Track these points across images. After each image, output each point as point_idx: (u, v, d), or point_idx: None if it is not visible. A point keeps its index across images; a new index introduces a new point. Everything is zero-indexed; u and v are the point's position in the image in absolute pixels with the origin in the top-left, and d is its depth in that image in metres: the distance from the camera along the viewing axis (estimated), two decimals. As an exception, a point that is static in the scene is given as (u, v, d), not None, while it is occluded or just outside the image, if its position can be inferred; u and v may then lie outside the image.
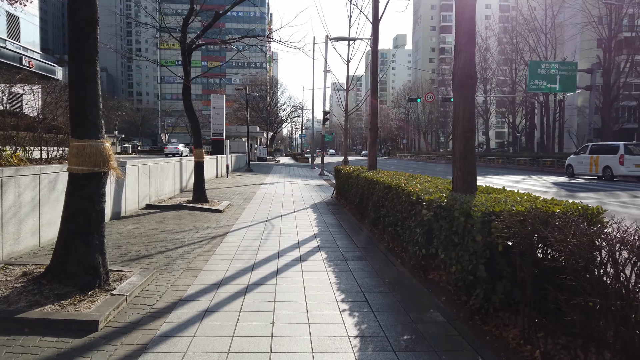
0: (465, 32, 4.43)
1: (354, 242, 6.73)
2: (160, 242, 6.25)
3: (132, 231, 6.92)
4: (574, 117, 51.72)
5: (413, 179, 6.43)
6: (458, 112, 4.47)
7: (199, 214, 8.91)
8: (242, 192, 13.89)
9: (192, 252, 5.83)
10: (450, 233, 3.75)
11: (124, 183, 8.21)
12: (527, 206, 3.36)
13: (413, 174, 7.86)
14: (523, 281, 3.12)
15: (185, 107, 9.78)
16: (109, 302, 3.60)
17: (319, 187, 17.28)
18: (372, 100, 9.22)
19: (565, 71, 30.46)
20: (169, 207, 9.31)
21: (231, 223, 8.18)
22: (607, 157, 21.16)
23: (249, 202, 11.40)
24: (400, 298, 4.17)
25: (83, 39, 3.78)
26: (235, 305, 3.87)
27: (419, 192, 4.64)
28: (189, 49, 9.50)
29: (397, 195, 5.72)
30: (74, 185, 3.84)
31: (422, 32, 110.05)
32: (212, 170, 18.31)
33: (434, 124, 79.94)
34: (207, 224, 7.91)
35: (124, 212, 8.28)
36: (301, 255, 5.82)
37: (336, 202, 12.00)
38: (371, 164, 9.56)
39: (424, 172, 24.02)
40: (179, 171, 12.39)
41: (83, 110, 3.82)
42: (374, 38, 9.52)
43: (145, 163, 9.56)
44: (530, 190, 8.14)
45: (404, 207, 5.27)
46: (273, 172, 26.53)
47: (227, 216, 8.98)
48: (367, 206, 7.83)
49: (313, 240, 6.87)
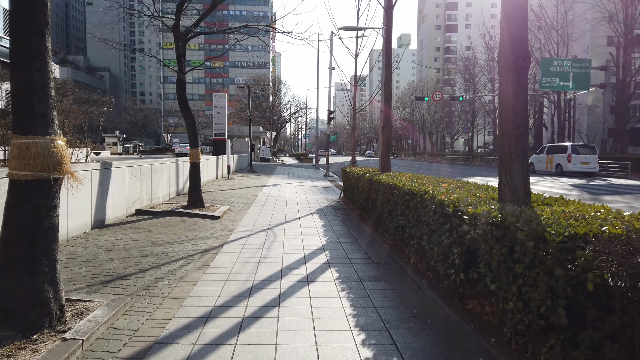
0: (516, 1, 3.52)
1: (368, 257, 5.83)
2: (143, 258, 5.37)
3: (114, 243, 6.05)
4: (584, 117, 50.54)
5: (439, 184, 5.52)
6: (506, 103, 3.57)
7: (193, 221, 8.03)
8: (243, 195, 13.01)
9: (179, 270, 4.95)
10: (508, 260, 2.84)
11: (109, 187, 7.34)
12: (618, 225, 2.46)
13: (434, 176, 6.95)
14: (623, 331, 2.22)
15: (179, 103, 8.91)
16: (57, 351, 2.72)
17: (324, 189, 16.39)
18: (386, 91, 8.31)
19: (579, 69, 29.40)
20: (161, 214, 8.44)
21: (228, 232, 7.30)
22: (559, 156, 25.04)
23: (250, 207, 10.52)
24: (437, 339, 3.26)
25: (27, 4, 2.90)
26: (224, 352, 2.97)
27: (456, 203, 3.73)
28: (184, 38, 8.63)
29: (422, 204, 4.81)
30: (15, 196, 2.95)
31: (427, 31, 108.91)
32: (212, 171, 17.45)
33: (439, 124, 78.84)
34: (202, 233, 7.03)
35: (110, 220, 7.42)
36: (308, 274, 4.92)
37: (344, 206, 11.11)
38: (384, 165, 8.64)
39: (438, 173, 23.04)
40: (174, 173, 11.53)
41: (27, 98, 2.93)
42: (388, 27, 8.62)
43: (136, 164, 8.70)
44: (549, 193, 7.33)
45: (433, 218, 4.36)
46: (276, 173, 25.66)
47: (225, 223, 8.09)
48: (382, 213, 6.93)
49: (321, 253, 5.97)
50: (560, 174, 24.64)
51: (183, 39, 8.67)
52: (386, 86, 8.30)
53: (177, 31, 8.44)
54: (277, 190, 14.92)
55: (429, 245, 4.56)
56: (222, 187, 15.14)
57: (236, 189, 14.76)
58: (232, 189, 14.69)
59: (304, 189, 15.88)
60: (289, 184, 17.83)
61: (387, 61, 8.32)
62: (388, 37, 8.44)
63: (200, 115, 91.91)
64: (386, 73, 8.31)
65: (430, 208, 4.45)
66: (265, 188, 15.54)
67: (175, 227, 7.44)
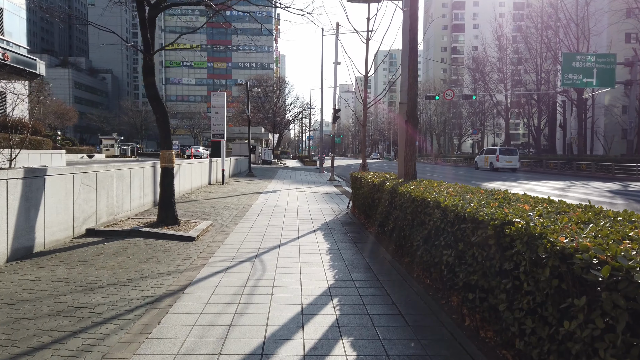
0: None
1: (397, 310, 3.88)
2: (51, 319, 3.45)
3: (24, 288, 4.14)
4: (600, 117, 48.35)
5: (506, 201, 3.56)
6: None
7: (158, 246, 6.11)
8: (234, 204, 11.10)
9: (99, 344, 3.04)
10: None
11: (42, 201, 5.44)
12: None
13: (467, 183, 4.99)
14: None
15: (147, 93, 6.99)
16: None
17: (329, 195, 14.45)
18: (410, 73, 6.36)
19: (603, 64, 27.34)
20: (119, 234, 6.53)
21: (201, 262, 5.38)
22: (491, 156, 33.86)
23: (240, 221, 8.60)
24: None
25: None
26: None
27: (615, 263, 1.77)
28: (152, 8, 6.73)
29: (495, 241, 2.87)
30: None
31: (433, 31, 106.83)
32: (203, 176, 15.57)
33: (447, 125, 76.67)
34: (162, 266, 5.11)
35: (42, 245, 5.52)
36: (306, 354, 2.99)
37: (353, 220, 9.17)
38: (407, 170, 6.66)
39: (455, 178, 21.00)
40: (151, 179, 9.63)
41: None
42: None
43: (90, 170, 6.80)
44: (591, 201, 5.58)
45: (548, 283, 2.39)
46: (277, 177, 23.75)
47: (201, 248, 6.17)
48: (411, 239, 4.98)
49: (327, 304, 4.03)
50: (493, 169, 33.15)
51: (150, 12, 6.77)
52: (411, 63, 6.35)
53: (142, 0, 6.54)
54: (275, 198, 12.99)
55: (520, 313, 2.60)
56: (212, 194, 13.24)
57: (229, 196, 12.85)
58: (224, 196, 12.78)
59: (306, 196, 13.95)
60: (289, 190, 15.90)
61: (412, 36, 6.39)
62: (413, 5, 6.47)
63: (203, 117, 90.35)
64: (410, 53, 6.37)
65: (522, 253, 2.50)
66: (262, 195, 13.62)
67: (129, 255, 5.52)
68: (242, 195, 13.45)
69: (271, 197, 13.40)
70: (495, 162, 32.53)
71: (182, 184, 12.48)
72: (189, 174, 13.26)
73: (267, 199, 12.79)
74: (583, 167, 29.05)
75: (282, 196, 13.74)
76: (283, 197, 13.60)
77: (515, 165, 32.29)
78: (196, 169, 14.28)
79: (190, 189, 13.35)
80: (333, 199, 13.66)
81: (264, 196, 13.42)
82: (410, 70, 6.49)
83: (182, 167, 12.46)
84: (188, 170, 13.14)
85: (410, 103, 6.51)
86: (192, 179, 13.72)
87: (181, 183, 12.32)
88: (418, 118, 6.54)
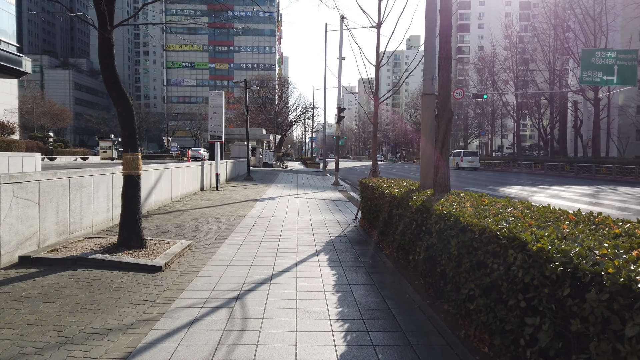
0: None
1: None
2: None
3: None
4: (614, 118, 46.59)
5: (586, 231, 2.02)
6: None
7: (108, 281, 4.58)
8: (224, 215, 9.57)
9: None
10: None
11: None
12: None
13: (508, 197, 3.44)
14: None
15: (104, 78, 5.49)
16: None
17: (333, 203, 12.92)
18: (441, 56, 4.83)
19: (625, 61, 25.66)
20: (62, 263, 5.01)
21: (159, 311, 3.85)
22: (457, 157, 40.97)
23: (226, 239, 7.08)
24: None
25: None
26: None
27: None
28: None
29: None
30: None
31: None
32: (194, 182, 14.06)
33: (453, 126, 74.98)
34: (100, 318, 3.58)
35: (-58, 285, 4.00)
36: None
37: (364, 236, 7.63)
38: (438, 179, 5.10)
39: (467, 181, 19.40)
40: (124, 187, 8.09)
41: None
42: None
43: (30, 179, 5.29)
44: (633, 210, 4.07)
45: None
46: (277, 181, 22.23)
47: (166, 283, 4.64)
48: (459, 283, 3.44)
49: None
50: (458, 168, 39.40)
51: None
52: (442, 39, 4.81)
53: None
54: (273, 207, 11.46)
55: None
56: (202, 202, 11.72)
57: (220, 205, 11.32)
58: (214, 205, 11.26)
59: (308, 204, 12.42)
60: (290, 197, 14.38)
61: (444, 1, 4.86)
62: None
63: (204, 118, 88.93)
64: (442, 14, 4.85)
65: None
66: (258, 203, 12.09)
67: (62, 298, 4.00)
68: (236, 203, 11.92)
69: (268, 205, 11.87)
70: (460, 162, 40.07)
71: (167, 191, 10.97)
72: (175, 179, 11.74)
73: (263, 207, 11.26)
74: (603, 170, 27.37)
75: (280, 204, 12.21)
76: (282, 205, 12.07)
77: (476, 165, 40.26)
78: (184, 174, 12.77)
79: (176, 197, 11.83)
80: (338, 207, 12.13)
81: (261, 204, 11.90)
82: (442, 49, 4.96)
83: (167, 171, 10.95)
84: (174, 176, 11.62)
85: (442, 92, 4.97)
86: (180, 185, 12.21)
87: (165, 190, 10.82)
88: (452, 111, 4.98)
